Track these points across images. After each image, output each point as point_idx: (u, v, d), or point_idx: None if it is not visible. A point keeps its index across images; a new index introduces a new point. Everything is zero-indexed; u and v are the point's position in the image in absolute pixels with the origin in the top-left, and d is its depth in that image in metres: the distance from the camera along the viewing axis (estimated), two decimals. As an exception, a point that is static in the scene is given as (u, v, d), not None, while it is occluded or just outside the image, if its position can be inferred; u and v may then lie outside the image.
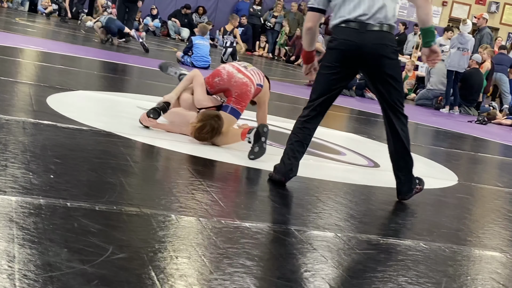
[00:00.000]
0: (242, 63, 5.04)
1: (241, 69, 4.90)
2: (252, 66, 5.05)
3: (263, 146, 4.46)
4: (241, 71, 4.87)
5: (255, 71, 4.98)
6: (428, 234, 3.42)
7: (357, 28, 3.82)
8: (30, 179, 2.99)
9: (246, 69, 4.93)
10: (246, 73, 4.88)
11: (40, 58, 8.73)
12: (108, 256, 2.30)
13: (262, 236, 2.88)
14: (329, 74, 3.93)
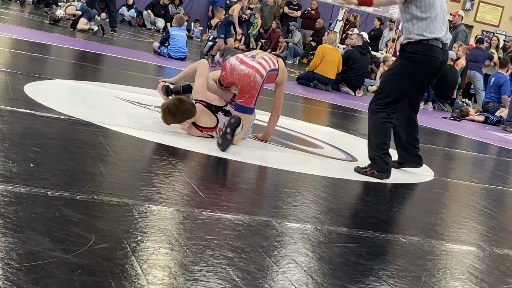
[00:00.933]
0: (251, 53, 4.93)
1: (245, 60, 4.78)
2: (263, 53, 4.95)
3: (226, 137, 4.39)
4: (244, 62, 4.75)
5: (267, 58, 4.86)
6: (406, 228, 3.46)
7: (441, 47, 4.54)
8: (10, 167, 2.96)
9: (253, 59, 4.80)
10: (251, 63, 4.75)
11: (16, 45, 8.61)
12: (90, 246, 2.29)
13: (243, 228, 2.88)
14: (414, 82, 4.61)
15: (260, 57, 4.87)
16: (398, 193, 4.47)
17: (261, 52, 5.00)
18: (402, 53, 4.65)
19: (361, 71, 12.19)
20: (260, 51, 5.03)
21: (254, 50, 5.02)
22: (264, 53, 4.99)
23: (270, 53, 5.03)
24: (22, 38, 9.47)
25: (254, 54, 4.91)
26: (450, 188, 4.92)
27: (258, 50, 5.02)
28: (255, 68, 4.73)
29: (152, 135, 4.45)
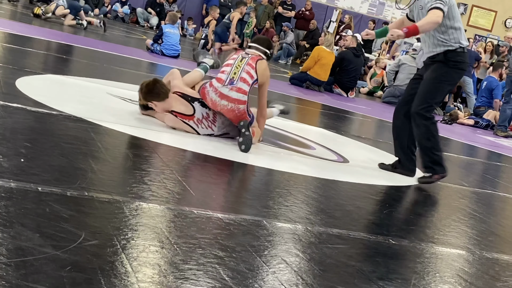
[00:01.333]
0: (228, 73, 4.77)
1: (224, 92, 4.70)
2: (241, 66, 4.79)
3: (245, 134, 4.58)
4: (224, 96, 4.70)
5: (245, 75, 4.76)
6: (396, 230, 3.46)
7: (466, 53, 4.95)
8: (1, 162, 2.94)
9: (232, 86, 4.72)
10: (231, 95, 4.70)
11: (7, 39, 8.56)
12: (80, 242, 2.28)
13: (234, 227, 2.87)
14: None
15: (238, 78, 4.75)
16: (389, 195, 4.47)
17: (238, 65, 4.81)
18: (444, 61, 4.87)
19: (354, 73, 12.20)
20: (238, 62, 4.83)
21: (231, 63, 4.83)
22: (241, 65, 4.81)
23: (248, 58, 4.86)
24: (13, 32, 9.43)
25: (232, 77, 4.76)
26: (441, 191, 4.93)
27: (236, 62, 4.82)
28: (236, 100, 4.72)
29: (144, 132, 4.44)
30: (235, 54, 4.98)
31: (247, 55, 4.91)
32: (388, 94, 12.84)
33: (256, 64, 4.85)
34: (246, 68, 4.80)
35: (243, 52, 4.98)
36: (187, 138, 4.61)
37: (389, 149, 6.50)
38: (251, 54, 4.93)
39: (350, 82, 12.18)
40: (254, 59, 4.88)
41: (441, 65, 4.90)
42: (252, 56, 4.90)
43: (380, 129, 8.86)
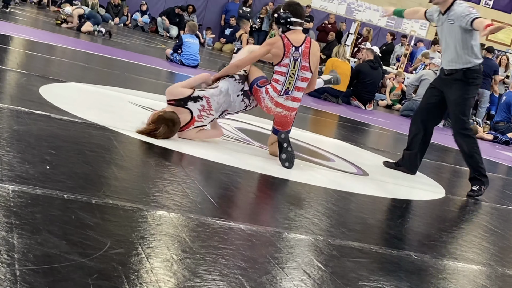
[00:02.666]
0: (283, 85, 4.75)
1: (279, 101, 4.75)
2: (296, 74, 4.75)
3: (288, 150, 4.57)
4: (279, 105, 4.76)
5: (300, 81, 4.77)
6: (419, 245, 3.45)
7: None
8: (26, 168, 2.97)
9: (287, 95, 4.76)
10: (286, 104, 4.77)
11: (30, 47, 8.66)
12: (106, 250, 2.29)
13: (256, 239, 2.88)
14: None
15: (293, 88, 4.75)
16: (409, 209, 4.46)
17: (292, 74, 4.73)
18: (464, 80, 5.15)
19: (371, 86, 12.19)
20: (291, 69, 4.72)
21: (284, 72, 4.72)
22: (295, 72, 4.73)
23: (301, 59, 4.73)
24: (37, 40, 9.53)
25: (287, 87, 4.73)
26: (461, 207, 4.91)
27: (289, 70, 4.72)
28: (291, 108, 4.80)
29: (165, 141, 4.45)
30: (286, 57, 4.72)
31: (298, 53, 4.72)
32: (406, 108, 12.81)
33: (309, 56, 4.75)
34: (301, 74, 4.77)
35: (292, 49, 4.72)
36: (208, 147, 4.62)
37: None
38: (301, 47, 4.73)
39: (367, 94, 12.17)
40: (306, 53, 4.75)
41: (461, 84, 5.18)
42: (304, 50, 4.74)
43: (398, 142, 8.83)
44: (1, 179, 2.72)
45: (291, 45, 4.74)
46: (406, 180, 5.46)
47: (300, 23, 4.82)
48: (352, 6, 22.58)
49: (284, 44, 4.74)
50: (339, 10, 22.38)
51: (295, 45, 4.75)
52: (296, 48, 4.74)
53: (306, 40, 4.78)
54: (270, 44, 4.82)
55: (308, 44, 4.78)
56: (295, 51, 4.74)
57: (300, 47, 4.75)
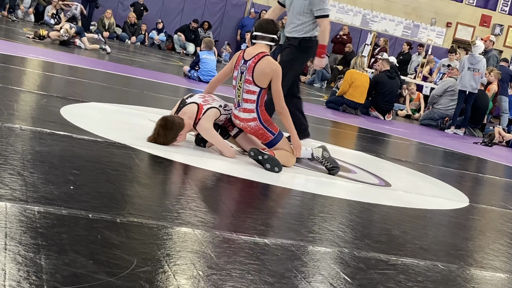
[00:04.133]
0: (236, 98, 4.90)
1: (235, 112, 4.90)
2: (242, 86, 4.85)
3: (264, 158, 4.61)
4: (236, 116, 4.90)
5: (245, 93, 4.83)
6: (445, 255, 3.42)
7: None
8: (51, 189, 2.99)
9: (239, 107, 4.86)
10: (239, 115, 4.86)
11: (51, 68, 8.75)
12: (133, 269, 2.30)
13: (281, 253, 2.87)
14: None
15: (241, 100, 4.85)
16: (434, 219, 4.42)
17: (239, 86, 4.86)
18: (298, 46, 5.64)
19: (389, 96, 12.15)
20: (238, 82, 4.86)
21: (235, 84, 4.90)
22: (241, 85, 4.85)
23: (245, 72, 4.81)
24: (55, 61, 9.63)
25: (237, 100, 4.87)
26: (486, 215, 4.86)
27: (237, 83, 4.86)
28: (244, 119, 4.85)
29: (187, 158, 4.47)
30: (235, 70, 4.88)
31: (244, 67, 4.82)
32: (426, 117, 12.76)
33: (253, 72, 4.79)
34: (245, 87, 4.85)
35: (242, 63, 4.84)
36: (230, 163, 4.63)
37: (432, 172, 6.45)
38: (249, 61, 4.80)
39: (386, 105, 12.14)
40: (251, 67, 4.81)
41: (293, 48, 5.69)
42: (250, 64, 4.81)
43: (419, 151, 8.79)
44: (26, 201, 2.74)
45: (242, 58, 4.89)
46: (429, 190, 5.43)
47: (262, 36, 4.88)
48: (368, 17, 22.58)
49: (238, 56, 4.93)
50: (354, 21, 22.40)
51: (245, 58, 4.86)
52: (244, 61, 4.86)
53: (257, 55, 4.83)
54: (234, 56, 5.02)
55: (256, 60, 4.81)
56: (243, 63, 4.87)
57: (248, 60, 4.84)
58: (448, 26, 23.20)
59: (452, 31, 23.27)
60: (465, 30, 23.31)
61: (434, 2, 22.86)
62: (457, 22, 23.28)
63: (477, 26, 23.25)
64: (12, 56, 8.79)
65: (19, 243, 2.28)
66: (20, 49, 10.08)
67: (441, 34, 23.10)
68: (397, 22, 22.79)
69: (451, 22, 23.16)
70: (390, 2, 22.63)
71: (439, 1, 22.89)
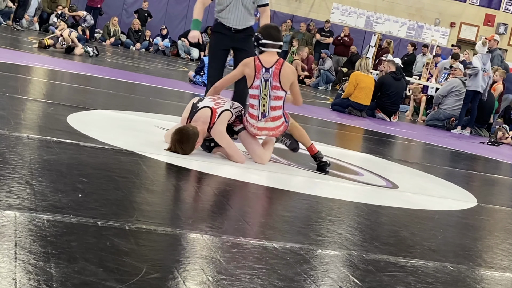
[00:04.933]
0: (259, 109, 4.91)
1: (259, 125, 4.94)
2: (268, 94, 4.90)
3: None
4: (261, 128, 4.96)
5: (273, 100, 4.90)
6: (454, 256, 3.41)
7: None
8: (60, 198, 3.00)
9: (265, 118, 4.91)
10: (266, 126, 4.93)
11: (56, 77, 8.78)
12: (143, 275, 2.30)
13: (290, 257, 2.87)
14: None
15: (268, 109, 4.91)
16: (442, 220, 4.42)
17: (265, 95, 4.89)
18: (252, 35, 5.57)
19: (395, 97, 12.15)
20: (263, 90, 4.89)
21: (257, 94, 4.90)
22: (267, 93, 4.90)
23: (271, 79, 4.87)
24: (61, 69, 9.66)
25: (262, 110, 4.91)
26: (494, 215, 4.85)
27: (261, 92, 4.89)
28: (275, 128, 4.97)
29: (194, 164, 4.48)
30: (256, 79, 4.87)
31: (268, 74, 4.85)
32: (431, 117, 12.74)
33: (279, 77, 4.86)
34: (273, 94, 4.88)
35: (263, 70, 4.86)
36: (237, 168, 4.63)
37: (439, 173, 6.44)
38: (272, 68, 4.85)
39: (392, 106, 12.13)
40: (276, 74, 4.86)
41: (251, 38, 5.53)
42: (274, 71, 4.86)
43: (426, 152, 8.78)
44: (35, 210, 2.76)
45: (261, 67, 4.88)
46: (437, 191, 5.42)
47: (273, 45, 4.92)
48: (371, 18, 22.58)
49: (255, 65, 4.89)
50: (358, 23, 22.40)
51: (266, 66, 4.87)
52: (266, 69, 4.88)
53: (277, 62, 4.89)
54: (244, 65, 4.96)
55: (278, 66, 4.88)
56: (265, 72, 4.88)
57: (270, 68, 4.87)
58: (452, 26, 23.18)
59: (456, 31, 23.25)
60: (469, 30, 23.28)
61: (437, 3, 22.84)
62: (461, 22, 23.25)
63: (481, 25, 23.22)
64: (18, 65, 8.83)
65: (29, 252, 2.29)
66: (25, 58, 10.12)
67: (445, 34, 23.08)
68: (401, 23, 22.79)
69: (455, 22, 23.14)
70: (393, 4, 22.63)
71: (442, 1, 22.88)
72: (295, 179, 4.71)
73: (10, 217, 2.61)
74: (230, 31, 5.84)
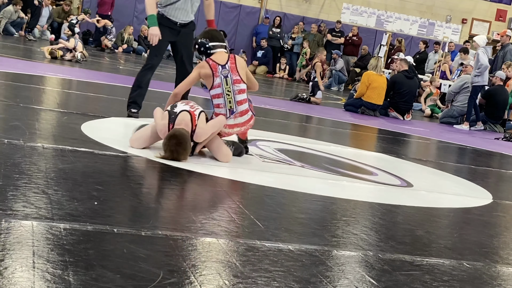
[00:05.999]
0: (225, 107, 4.94)
1: (229, 123, 4.94)
2: (231, 89, 4.94)
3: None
4: (232, 126, 4.96)
5: (238, 94, 4.95)
6: (470, 253, 3.41)
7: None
8: (76, 206, 3.03)
9: (234, 113, 4.93)
10: (236, 122, 4.95)
11: (69, 86, 8.85)
12: (160, 281, 2.33)
13: (306, 259, 2.88)
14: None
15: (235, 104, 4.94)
16: (457, 217, 4.41)
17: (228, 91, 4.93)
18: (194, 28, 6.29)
19: (408, 95, 12.11)
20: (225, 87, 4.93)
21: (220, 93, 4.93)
22: (230, 88, 4.93)
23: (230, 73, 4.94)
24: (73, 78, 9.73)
25: (229, 107, 4.94)
26: (510, 211, 4.83)
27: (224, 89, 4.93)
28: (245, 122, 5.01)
29: (207, 168, 4.50)
30: (216, 77, 4.90)
31: (226, 70, 4.93)
32: (445, 115, 12.70)
33: (238, 70, 4.97)
34: (236, 88, 4.95)
35: (219, 68, 4.92)
36: (250, 172, 4.65)
37: (454, 170, 6.43)
38: (227, 64, 4.95)
39: (405, 104, 12.10)
40: (233, 68, 4.96)
41: (193, 32, 6.24)
42: (231, 66, 4.95)
43: (440, 150, 8.75)
44: (52, 218, 2.79)
45: (217, 65, 4.96)
46: (452, 188, 5.41)
47: (220, 45, 5.08)
48: (382, 17, 22.53)
49: (210, 65, 4.96)
50: (369, 22, 22.35)
51: (221, 64, 4.96)
52: (222, 66, 4.96)
53: (230, 57, 5.02)
54: (200, 67, 5.04)
55: (233, 60, 5.01)
56: (222, 69, 4.95)
57: (226, 64, 4.96)
58: (464, 22, 23.07)
59: (468, 27, 23.14)
60: (481, 26, 23.17)
61: (448, -1, 22.77)
62: (472, 18, 23.14)
63: (492, 21, 23.09)
64: (31, 75, 8.90)
65: (47, 260, 2.32)
66: (38, 68, 10.20)
67: (457, 31, 22.97)
68: (412, 21, 22.71)
69: (466, 18, 23.03)
70: (404, 2, 22.56)
71: (453, -2, 22.79)
72: (309, 180, 4.72)
73: (28, 226, 2.65)
74: (177, 25, 6.11)
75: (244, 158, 5.10)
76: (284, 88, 16.81)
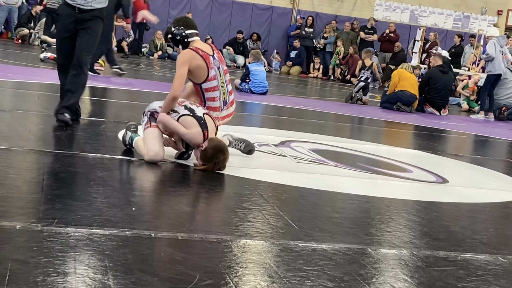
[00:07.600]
0: (220, 99, 4.73)
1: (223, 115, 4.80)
2: (224, 79, 4.75)
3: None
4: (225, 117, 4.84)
5: (229, 83, 4.82)
6: (505, 248, 3.41)
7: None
8: (115, 212, 3.13)
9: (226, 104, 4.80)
10: (228, 112, 4.84)
11: (104, 94, 9.01)
12: (196, 283, 2.40)
13: (340, 258, 2.93)
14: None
15: (227, 94, 4.79)
16: (493, 212, 4.40)
17: (222, 82, 4.72)
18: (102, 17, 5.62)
19: (444, 90, 12.03)
20: (219, 78, 4.69)
21: (216, 85, 4.69)
22: (223, 78, 4.74)
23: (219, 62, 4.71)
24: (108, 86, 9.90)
25: (223, 98, 4.77)
26: (548, 204, 4.79)
27: (218, 80, 4.69)
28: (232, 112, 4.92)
29: (240, 171, 4.57)
30: (211, 69, 4.60)
31: (217, 61, 4.67)
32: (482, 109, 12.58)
33: (223, 59, 4.84)
34: (226, 78, 4.80)
35: (211, 59, 4.62)
36: (284, 173, 4.71)
37: (490, 164, 6.38)
38: (214, 54, 4.67)
39: (441, 100, 12.02)
40: (221, 58, 4.77)
41: (100, 20, 5.60)
42: (219, 56, 4.73)
43: (477, 145, 8.68)
44: (91, 225, 2.89)
45: (208, 55, 4.62)
46: (488, 183, 5.38)
47: (196, 33, 4.71)
48: (416, 12, 22.36)
49: (202, 55, 4.58)
50: (403, 18, 22.21)
51: (210, 54, 4.64)
52: (213, 57, 4.66)
53: (212, 46, 4.77)
54: (187, 60, 4.55)
55: (216, 50, 4.77)
56: (214, 59, 4.65)
57: (214, 54, 4.69)
58: (499, 14, 22.76)
59: (503, 19, 22.81)
60: (517, 16, 22.82)
61: (482, -9, 22.49)
62: (508, 9, 22.81)
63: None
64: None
65: (88, 266, 2.42)
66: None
67: (493, 22, 22.66)
68: (446, 15, 22.50)
69: (501, 9, 22.71)
70: (437, -5, 22.37)
71: (487, -11, 22.51)
72: (343, 180, 4.76)
73: (69, 233, 2.75)
74: (75, 11, 5.47)
75: (278, 160, 5.16)
76: (318, 87, 16.81)
